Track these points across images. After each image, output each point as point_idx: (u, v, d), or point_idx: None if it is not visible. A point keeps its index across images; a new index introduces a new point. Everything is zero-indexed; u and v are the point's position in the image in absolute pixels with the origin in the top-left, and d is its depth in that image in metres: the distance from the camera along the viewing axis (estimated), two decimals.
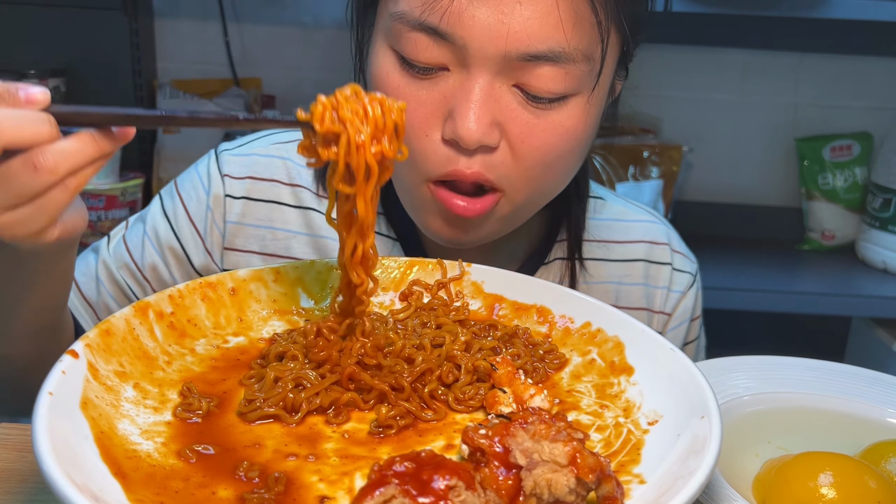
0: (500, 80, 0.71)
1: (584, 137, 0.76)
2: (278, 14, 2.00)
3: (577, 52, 0.70)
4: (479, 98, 0.70)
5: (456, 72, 0.71)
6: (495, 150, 0.73)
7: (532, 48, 0.69)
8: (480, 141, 0.71)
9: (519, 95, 0.72)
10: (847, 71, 2.03)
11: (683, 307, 0.98)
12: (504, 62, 0.69)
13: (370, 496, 0.43)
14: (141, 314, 0.62)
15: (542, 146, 0.73)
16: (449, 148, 0.73)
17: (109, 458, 0.49)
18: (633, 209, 1.00)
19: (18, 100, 0.55)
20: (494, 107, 0.71)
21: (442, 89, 0.72)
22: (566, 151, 0.75)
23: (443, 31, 0.69)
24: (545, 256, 0.94)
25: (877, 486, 0.58)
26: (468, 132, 0.70)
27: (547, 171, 0.76)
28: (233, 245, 0.91)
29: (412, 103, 0.72)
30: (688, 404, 0.55)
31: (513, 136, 0.73)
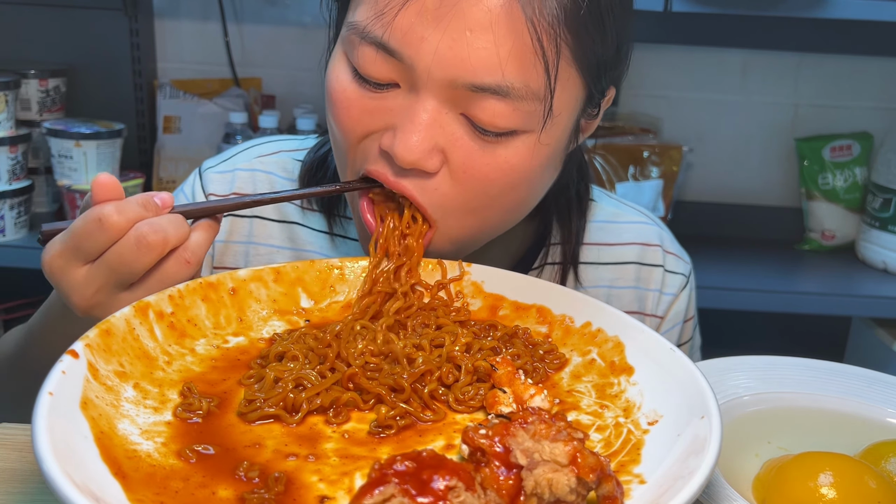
0: (448, 106, 0.69)
1: (532, 175, 0.73)
2: (278, 14, 2.00)
3: (527, 89, 0.67)
4: (425, 122, 0.68)
5: (405, 91, 0.69)
6: (433, 176, 0.71)
7: (478, 79, 0.66)
8: (415, 163, 0.69)
9: (466, 125, 0.70)
10: (847, 71, 2.04)
11: (676, 310, 0.97)
12: (451, 89, 0.67)
13: (369, 495, 0.43)
14: (141, 314, 0.62)
15: (483, 179, 0.71)
16: (381, 156, 0.71)
17: (109, 458, 0.49)
18: (625, 210, 0.99)
19: (158, 207, 0.66)
20: (439, 132, 0.69)
21: (390, 104, 0.70)
22: (509, 188, 0.73)
23: (391, 48, 0.67)
24: (534, 262, 0.93)
25: (877, 486, 0.58)
26: (405, 151, 0.68)
27: (488, 204, 0.73)
28: (222, 263, 0.92)
29: (356, 110, 0.71)
30: (688, 404, 0.55)
31: (455, 165, 0.70)
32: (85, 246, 0.64)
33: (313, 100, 1.99)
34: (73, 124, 1.75)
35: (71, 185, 1.71)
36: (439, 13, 0.65)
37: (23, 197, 1.73)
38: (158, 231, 0.63)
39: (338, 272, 0.73)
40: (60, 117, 1.86)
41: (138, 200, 0.65)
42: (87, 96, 1.95)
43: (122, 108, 1.95)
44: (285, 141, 0.98)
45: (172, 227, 0.64)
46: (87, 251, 0.64)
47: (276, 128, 1.83)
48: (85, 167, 1.72)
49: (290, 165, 0.94)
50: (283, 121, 1.92)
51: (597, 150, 1.89)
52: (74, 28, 1.94)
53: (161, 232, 0.64)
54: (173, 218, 0.65)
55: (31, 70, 1.81)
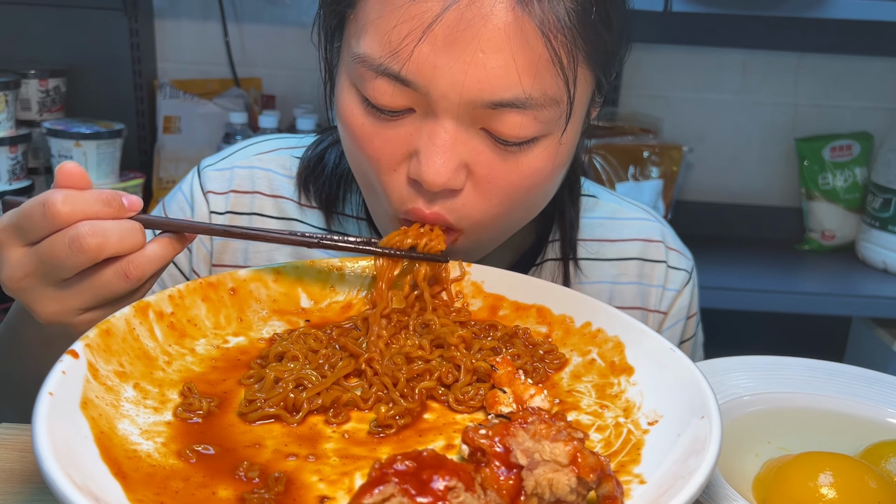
0: (467, 122, 0.69)
1: (555, 174, 0.75)
2: (278, 14, 2.00)
3: (545, 97, 0.68)
4: (446, 142, 0.68)
5: (422, 115, 0.69)
6: (458, 193, 0.71)
7: (496, 97, 0.66)
8: (445, 185, 0.69)
9: (487, 138, 0.70)
10: (847, 71, 2.04)
11: (679, 305, 0.97)
12: (470, 109, 0.67)
13: (369, 494, 0.43)
14: (141, 314, 0.62)
15: (508, 186, 0.72)
16: (411, 187, 0.71)
17: (109, 458, 0.49)
18: (626, 207, 1.00)
19: (123, 207, 0.63)
20: (462, 150, 0.69)
21: (409, 129, 0.70)
22: (533, 190, 0.73)
23: (404, 79, 0.67)
24: (536, 258, 0.94)
25: (877, 486, 0.58)
26: (433, 176, 0.68)
27: (512, 208, 0.74)
28: (221, 261, 0.92)
29: (378, 141, 0.71)
30: (688, 404, 0.55)
31: (479, 177, 0.71)
32: (25, 227, 0.62)
33: (313, 100, 1.99)
34: (73, 124, 1.75)
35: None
36: (450, 40, 0.65)
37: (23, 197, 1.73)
38: (97, 234, 0.60)
39: (338, 272, 0.74)
40: (60, 117, 1.86)
41: (100, 196, 0.62)
42: (87, 96, 1.95)
43: (122, 108, 1.95)
44: (283, 139, 0.98)
45: (118, 234, 0.61)
46: (26, 233, 0.62)
47: (276, 128, 1.83)
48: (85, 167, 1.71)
49: (288, 163, 0.94)
50: (283, 121, 1.92)
51: (597, 150, 1.89)
52: (74, 28, 1.94)
53: (100, 236, 0.60)
54: (127, 225, 0.62)
55: (31, 70, 1.81)
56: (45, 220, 0.61)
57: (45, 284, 0.63)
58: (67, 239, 0.60)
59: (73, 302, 0.63)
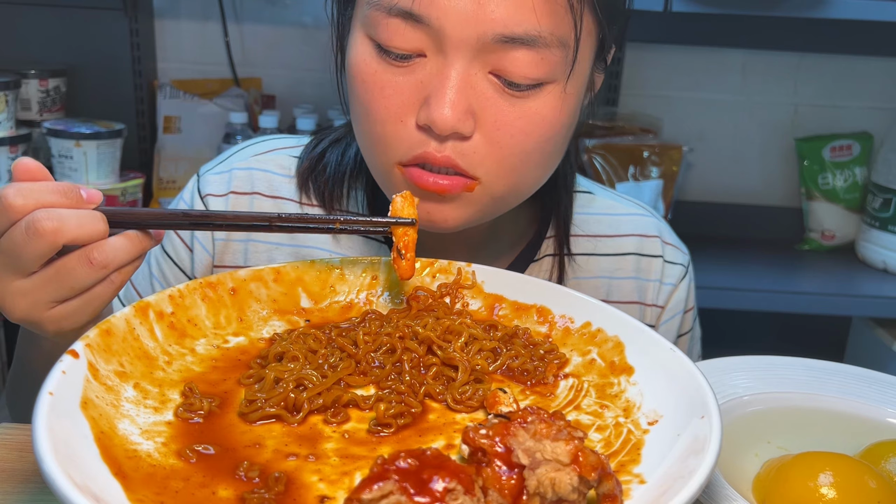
0: (477, 66, 0.70)
1: (561, 127, 0.76)
2: (278, 14, 2.00)
3: (553, 37, 0.70)
4: (456, 84, 0.70)
5: (433, 58, 0.71)
6: (468, 139, 0.72)
7: (508, 30, 0.68)
8: (454, 127, 0.70)
9: (495, 83, 0.71)
10: (847, 71, 2.04)
11: (676, 299, 0.97)
12: (480, 46, 0.69)
13: (368, 489, 0.43)
14: (141, 314, 0.62)
15: (518, 134, 0.73)
16: (422, 133, 0.73)
17: (110, 458, 0.49)
18: (622, 203, 1.00)
19: (81, 199, 0.62)
20: (471, 94, 0.71)
21: (419, 76, 0.72)
22: (543, 140, 0.75)
23: (418, 15, 0.69)
24: (535, 253, 0.94)
25: (877, 486, 0.58)
26: (443, 118, 0.70)
27: (525, 160, 0.75)
28: (222, 262, 0.92)
29: (388, 89, 0.72)
30: (688, 404, 0.55)
31: (488, 125, 0.72)
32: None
33: (313, 100, 1.99)
34: (73, 124, 1.75)
35: None
36: None
37: None
38: (52, 218, 0.59)
39: (338, 272, 0.74)
40: (60, 117, 1.86)
41: (56, 187, 0.61)
42: (87, 96, 1.95)
43: (122, 108, 1.95)
44: (281, 139, 0.98)
45: (76, 220, 0.60)
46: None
47: (276, 128, 1.83)
48: (85, 167, 1.72)
49: (286, 162, 0.94)
50: (283, 121, 1.92)
51: (597, 150, 1.89)
52: (74, 28, 1.94)
53: (55, 220, 0.59)
54: (86, 212, 0.61)
55: (31, 70, 1.81)
56: (3, 215, 0.60)
57: (10, 279, 0.62)
58: (24, 226, 0.59)
59: (40, 294, 0.62)
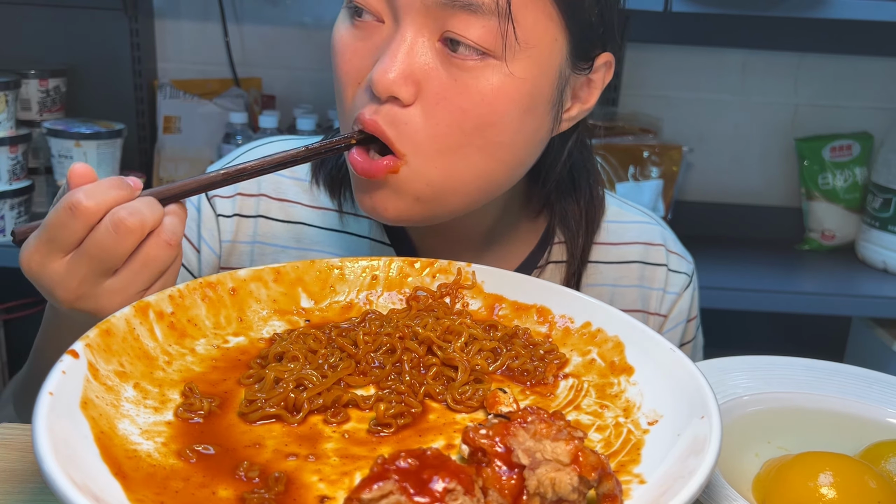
0: (426, 34, 0.72)
1: (508, 114, 0.74)
2: (278, 14, 2.00)
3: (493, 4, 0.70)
4: (403, 49, 0.72)
5: (389, 25, 0.74)
6: (406, 108, 0.73)
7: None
8: (391, 89, 0.71)
9: (442, 51, 0.72)
10: (847, 71, 2.04)
11: (679, 308, 0.97)
12: (426, 11, 0.71)
13: (368, 489, 0.43)
14: (141, 314, 0.62)
15: (456, 111, 0.72)
16: (365, 96, 0.74)
17: (110, 458, 0.49)
18: (628, 210, 1.00)
19: (132, 188, 0.65)
20: (415, 62, 0.72)
21: (375, 41, 0.74)
22: (482, 123, 0.73)
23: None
24: (538, 261, 0.93)
25: (877, 486, 0.58)
26: (383, 78, 0.71)
27: (461, 141, 0.74)
28: (228, 264, 0.92)
29: (349, 53, 0.76)
30: (688, 404, 0.55)
31: (429, 98, 0.73)
32: (61, 237, 0.63)
33: (313, 100, 1.99)
34: (73, 124, 1.75)
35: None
36: None
37: (23, 197, 1.73)
38: (135, 214, 0.62)
39: (338, 272, 0.74)
40: (60, 117, 1.86)
41: (110, 183, 0.64)
42: (87, 96, 1.95)
43: (122, 108, 1.95)
44: (288, 140, 0.98)
45: (148, 210, 0.63)
46: (63, 242, 0.63)
47: (276, 128, 1.83)
48: None
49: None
50: (283, 121, 1.92)
51: (597, 151, 1.88)
52: (74, 28, 1.94)
53: (138, 214, 0.62)
54: (147, 200, 0.64)
55: (31, 70, 1.81)
56: (79, 221, 0.62)
57: (102, 281, 0.64)
58: (111, 227, 0.62)
59: (133, 286, 0.65)
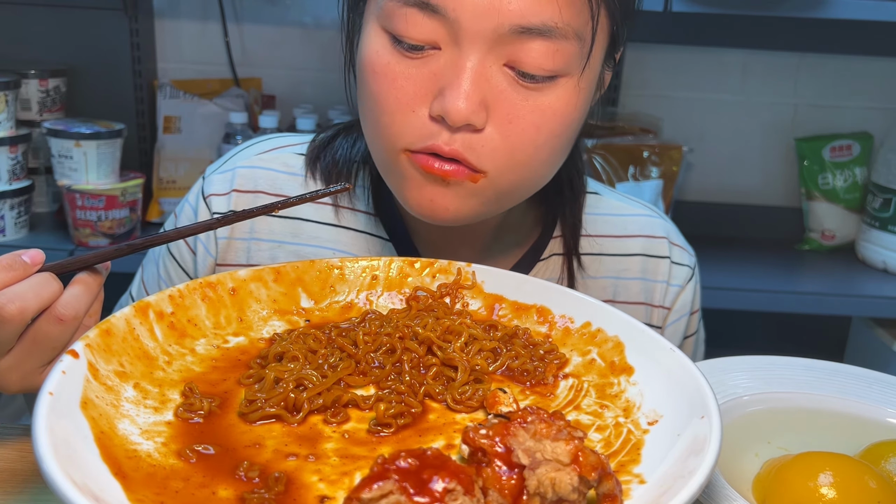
0: (492, 59, 0.70)
1: (572, 122, 0.76)
2: (278, 14, 2.00)
3: (569, 28, 0.70)
4: (470, 76, 0.70)
5: (448, 50, 0.71)
6: (480, 132, 0.72)
7: (525, 21, 0.68)
8: (468, 119, 0.70)
9: (509, 75, 0.71)
10: (847, 71, 2.03)
11: (682, 301, 0.98)
12: (496, 38, 0.69)
13: (368, 488, 0.43)
14: (141, 314, 0.62)
15: (529, 128, 0.73)
16: (433, 124, 0.73)
17: (110, 458, 0.49)
18: (629, 204, 1.00)
19: (26, 265, 0.63)
20: (485, 86, 0.71)
21: (432, 67, 0.72)
22: (553, 136, 0.75)
23: (434, 6, 0.69)
24: (541, 252, 0.94)
25: (877, 486, 0.58)
26: (457, 109, 0.70)
27: (534, 154, 0.75)
28: (224, 261, 0.92)
29: (401, 80, 0.72)
30: (688, 404, 0.55)
31: (500, 118, 0.72)
32: None
33: (313, 100, 1.99)
34: (73, 124, 1.75)
35: (71, 185, 1.71)
36: None
37: (23, 197, 1.73)
38: (13, 300, 0.61)
39: (338, 272, 0.74)
40: (60, 117, 1.86)
41: (1, 264, 0.62)
42: (87, 96, 1.95)
43: (122, 108, 1.95)
44: (284, 137, 0.98)
45: (33, 291, 0.62)
46: None
47: (276, 128, 1.83)
48: (85, 167, 1.72)
49: (291, 160, 0.94)
50: (283, 121, 1.91)
51: (597, 150, 1.89)
52: (74, 28, 1.94)
53: (17, 300, 0.61)
54: (37, 279, 0.63)
55: (31, 70, 1.81)
56: None
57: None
58: None
59: (27, 363, 0.65)
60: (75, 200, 1.69)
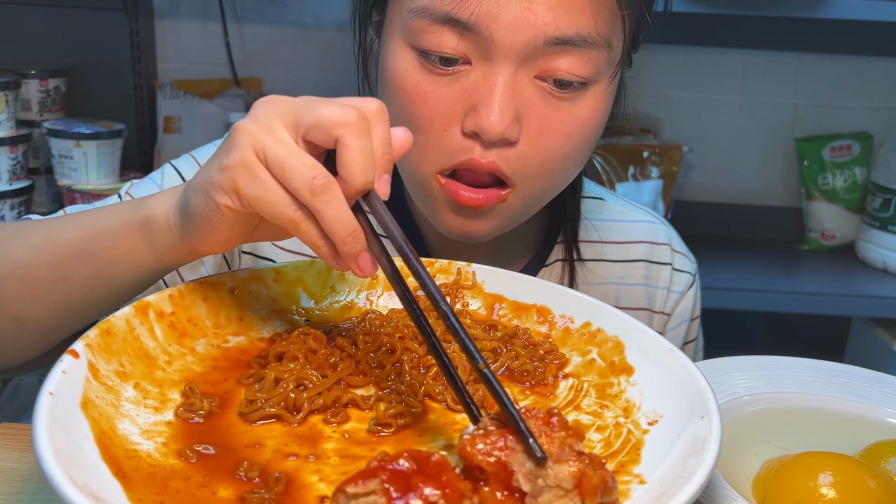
0: (523, 72, 0.71)
1: (599, 127, 0.77)
2: (278, 14, 2.00)
3: (600, 38, 0.70)
4: (504, 91, 0.70)
5: (479, 65, 0.71)
6: (514, 145, 0.73)
7: (560, 32, 0.69)
8: (503, 134, 0.71)
9: (541, 86, 0.72)
10: (847, 71, 2.03)
11: (683, 307, 0.98)
12: (528, 51, 0.69)
13: (355, 483, 0.43)
14: (141, 314, 0.62)
15: (560, 137, 0.73)
16: (466, 140, 0.73)
17: (110, 458, 0.49)
18: (632, 210, 1.00)
19: None
20: (517, 99, 0.71)
21: (464, 84, 0.72)
22: (581, 142, 0.76)
23: (466, 23, 0.69)
24: (546, 258, 0.94)
25: (877, 486, 0.58)
26: (492, 125, 0.70)
27: (562, 162, 0.76)
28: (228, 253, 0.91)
29: (432, 99, 0.72)
30: (688, 404, 0.55)
31: (532, 130, 0.73)
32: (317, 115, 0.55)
33: None
34: (73, 124, 1.75)
35: (71, 185, 1.71)
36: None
37: (23, 197, 1.73)
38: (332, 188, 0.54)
39: (338, 272, 0.73)
40: (60, 117, 1.86)
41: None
42: (87, 96, 1.95)
43: (122, 108, 1.95)
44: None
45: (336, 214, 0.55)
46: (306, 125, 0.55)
47: None
48: (85, 167, 1.72)
49: None
50: None
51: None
52: (74, 28, 1.94)
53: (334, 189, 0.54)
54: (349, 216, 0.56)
55: (31, 70, 1.81)
56: (355, 99, 0.56)
57: (281, 115, 0.57)
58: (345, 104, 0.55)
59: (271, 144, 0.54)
60: (75, 200, 1.69)
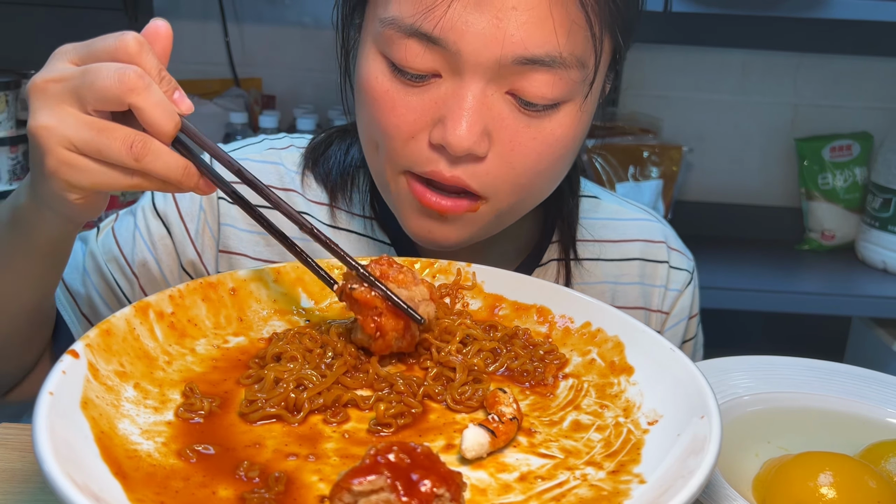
0: (493, 87, 0.70)
1: (574, 144, 0.76)
2: (278, 14, 2.00)
3: (572, 58, 0.69)
4: (472, 106, 0.69)
5: (448, 78, 0.70)
6: (482, 160, 0.72)
7: (528, 52, 0.67)
8: (469, 149, 0.69)
9: (511, 103, 0.71)
10: (847, 71, 2.04)
11: (681, 305, 0.97)
12: (498, 68, 0.68)
13: (359, 480, 0.43)
14: (141, 314, 0.62)
15: (531, 154, 0.72)
16: (433, 151, 0.72)
17: (110, 458, 0.49)
18: (628, 208, 1.00)
19: (172, 90, 0.63)
20: (486, 114, 0.70)
21: (433, 96, 0.71)
22: (555, 158, 0.74)
23: (436, 38, 0.67)
24: (540, 258, 0.94)
25: (877, 486, 0.58)
26: (458, 139, 0.69)
27: (535, 179, 0.75)
28: (227, 248, 0.90)
29: (400, 108, 0.71)
30: (688, 404, 0.55)
31: (502, 146, 0.71)
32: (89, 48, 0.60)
33: (313, 100, 1.99)
34: None
35: None
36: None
37: None
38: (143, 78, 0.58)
39: (338, 272, 0.73)
40: None
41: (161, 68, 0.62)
42: None
43: None
44: (298, 138, 0.98)
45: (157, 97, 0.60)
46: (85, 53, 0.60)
47: (276, 128, 1.83)
48: None
49: (301, 160, 0.94)
50: (283, 121, 1.91)
51: (597, 150, 1.89)
52: (74, 28, 1.93)
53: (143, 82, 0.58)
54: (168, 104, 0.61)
55: (31, 70, 1.81)
56: (111, 47, 0.59)
57: (65, 99, 0.58)
58: (117, 67, 0.57)
59: (71, 129, 0.58)
60: None
